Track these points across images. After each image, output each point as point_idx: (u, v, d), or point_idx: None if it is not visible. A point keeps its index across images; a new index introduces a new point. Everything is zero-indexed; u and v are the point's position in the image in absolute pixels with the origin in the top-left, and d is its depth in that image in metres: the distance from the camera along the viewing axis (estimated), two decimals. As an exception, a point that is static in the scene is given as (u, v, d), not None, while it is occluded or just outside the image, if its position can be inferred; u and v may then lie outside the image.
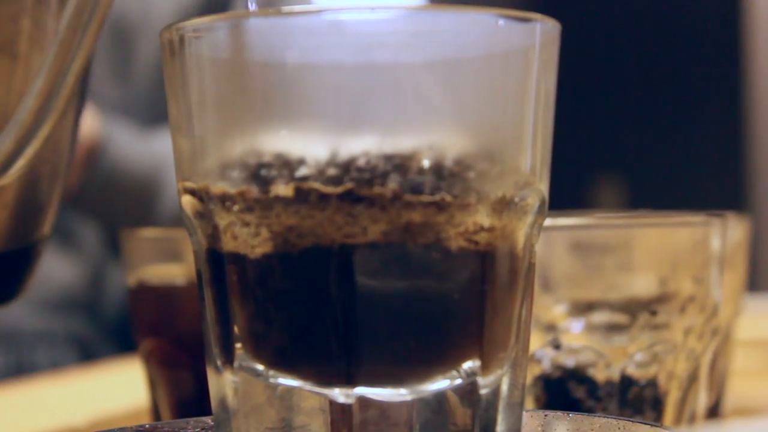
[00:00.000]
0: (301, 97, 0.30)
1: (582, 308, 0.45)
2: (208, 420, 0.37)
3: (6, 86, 0.43)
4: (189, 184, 0.32)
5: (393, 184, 0.30)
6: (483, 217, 0.31)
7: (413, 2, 0.33)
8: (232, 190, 0.31)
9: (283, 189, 0.30)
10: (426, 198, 0.30)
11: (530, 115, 0.32)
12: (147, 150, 1.07)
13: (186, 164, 0.32)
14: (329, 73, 0.30)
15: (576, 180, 3.21)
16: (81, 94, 0.50)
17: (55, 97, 0.37)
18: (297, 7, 0.30)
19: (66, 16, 0.35)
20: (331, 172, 0.30)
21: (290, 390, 0.32)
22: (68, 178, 0.50)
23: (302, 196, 0.30)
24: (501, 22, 0.31)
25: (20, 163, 0.39)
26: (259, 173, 0.30)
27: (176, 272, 0.56)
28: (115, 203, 1.04)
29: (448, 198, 0.30)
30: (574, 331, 0.45)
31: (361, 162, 0.30)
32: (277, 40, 0.30)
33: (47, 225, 0.48)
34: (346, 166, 0.30)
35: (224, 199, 0.31)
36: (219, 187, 0.31)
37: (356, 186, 0.30)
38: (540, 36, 0.32)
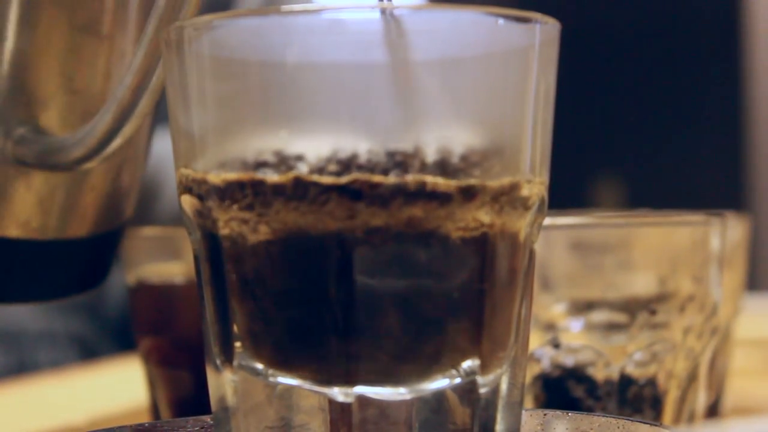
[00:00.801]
0: (300, 95, 0.30)
1: (581, 307, 0.45)
2: (207, 419, 0.37)
3: (92, 66, 0.43)
4: (188, 183, 0.32)
5: (393, 180, 0.30)
6: (483, 216, 0.31)
7: (413, 2, 0.33)
8: (231, 187, 0.31)
9: (282, 186, 0.30)
10: (426, 195, 0.30)
11: (530, 114, 0.32)
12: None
13: (185, 162, 0.32)
14: (329, 72, 0.30)
15: (575, 179, 3.21)
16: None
17: (151, 73, 0.37)
18: (297, 6, 0.30)
19: None
20: (331, 168, 0.30)
21: (290, 389, 0.32)
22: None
23: (301, 192, 0.30)
24: (500, 21, 0.31)
25: (118, 142, 0.39)
26: (258, 170, 0.30)
27: (175, 271, 0.56)
28: None
29: (448, 195, 0.30)
30: (573, 330, 0.45)
31: (362, 158, 0.30)
32: (277, 39, 0.30)
33: (130, 210, 0.48)
34: (347, 163, 0.30)
35: (223, 197, 0.31)
36: (218, 184, 0.31)
37: (356, 182, 0.30)
38: (540, 35, 0.32)
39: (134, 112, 0.38)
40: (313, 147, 0.30)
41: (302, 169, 0.30)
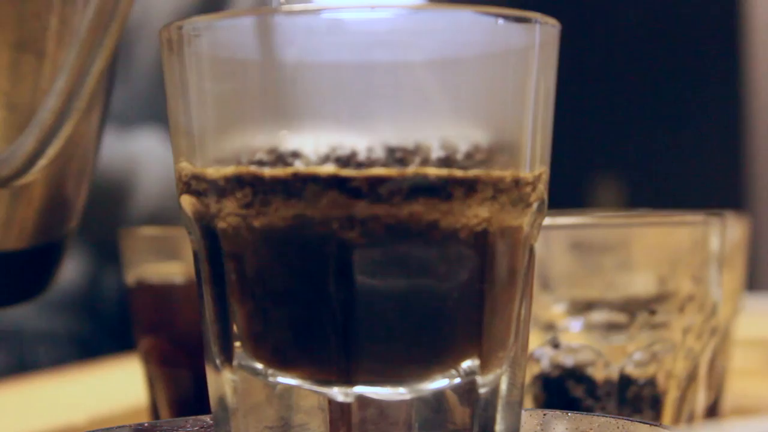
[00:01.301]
0: (300, 96, 0.30)
1: (581, 307, 0.45)
2: (207, 419, 0.37)
3: (32, 84, 0.43)
4: (187, 182, 0.32)
5: (393, 172, 0.30)
6: (483, 215, 0.31)
7: (413, 1, 0.33)
8: (230, 187, 0.31)
9: (281, 184, 0.30)
10: (426, 191, 0.30)
11: (530, 114, 0.32)
12: (122, 150, 1.07)
13: (184, 162, 0.32)
14: (329, 73, 0.30)
15: (575, 179, 3.21)
16: (107, 91, 0.50)
17: (76, 96, 0.37)
18: (297, 6, 0.30)
19: (87, 16, 0.35)
20: (330, 165, 0.30)
21: (289, 389, 0.32)
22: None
23: (301, 190, 0.30)
24: (500, 21, 0.31)
25: (42, 162, 0.39)
26: (257, 169, 0.30)
27: (175, 271, 0.56)
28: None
29: (449, 195, 0.30)
30: (573, 330, 0.45)
31: (361, 156, 0.30)
32: (277, 39, 0.30)
33: (74, 220, 0.48)
34: (345, 160, 0.30)
35: (223, 196, 0.31)
36: (217, 184, 0.31)
37: (356, 180, 0.30)
38: (539, 35, 0.32)
39: (57, 134, 0.38)
40: (311, 146, 0.30)
41: (301, 167, 0.30)
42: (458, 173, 0.30)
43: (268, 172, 0.30)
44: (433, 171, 0.30)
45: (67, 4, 0.43)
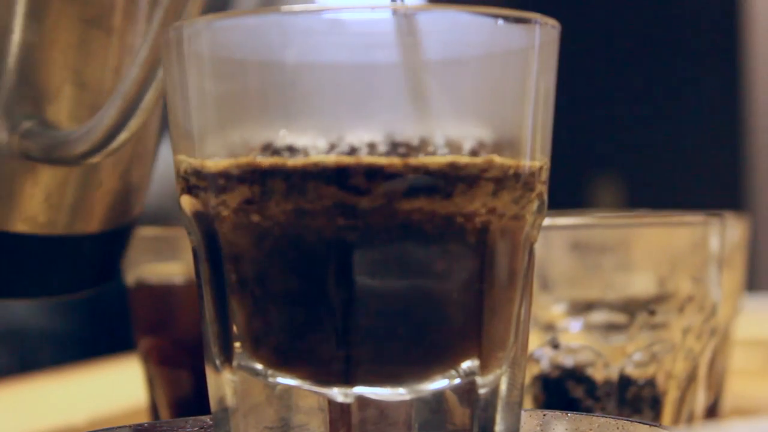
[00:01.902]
0: (300, 96, 0.30)
1: (581, 308, 0.45)
2: (206, 419, 0.37)
3: (101, 60, 0.42)
4: (187, 182, 0.32)
5: (396, 161, 0.30)
6: (483, 215, 0.31)
7: (412, 2, 0.33)
8: (230, 186, 0.31)
9: (281, 183, 0.30)
10: (425, 193, 0.30)
11: (529, 114, 0.32)
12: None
13: (184, 162, 0.32)
14: (328, 73, 0.30)
15: (575, 179, 3.21)
16: None
17: (156, 67, 0.37)
18: (296, 7, 0.30)
19: None
20: (331, 171, 0.30)
21: (289, 389, 0.32)
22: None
23: (301, 188, 0.30)
24: (500, 22, 0.31)
25: (124, 136, 0.39)
26: (257, 169, 0.30)
27: (175, 271, 0.56)
28: None
29: (449, 194, 0.30)
30: (572, 330, 0.45)
31: (362, 153, 0.30)
32: (276, 40, 0.30)
33: (139, 206, 0.48)
34: (345, 175, 0.30)
35: (223, 196, 0.31)
36: (217, 184, 0.31)
37: (355, 178, 0.30)
38: (539, 36, 0.32)
39: (139, 106, 0.38)
40: (311, 145, 0.30)
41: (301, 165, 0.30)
42: (458, 176, 0.30)
43: (266, 162, 0.30)
44: (432, 173, 0.30)
45: None
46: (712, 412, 0.58)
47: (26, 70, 0.41)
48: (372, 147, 0.30)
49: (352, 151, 0.30)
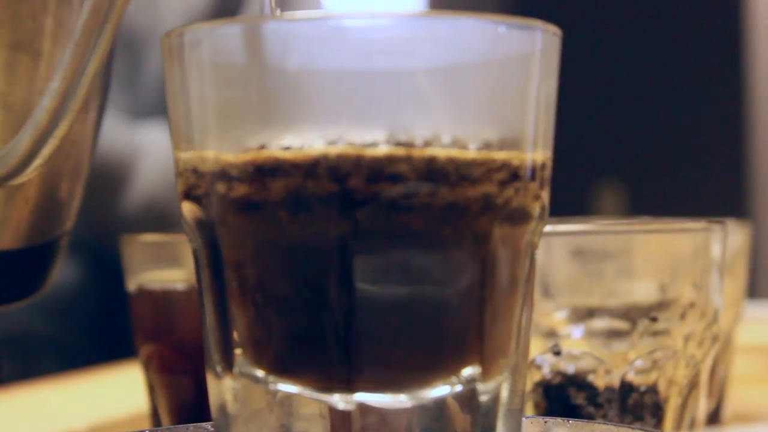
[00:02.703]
0: (301, 103, 0.30)
1: (582, 314, 0.45)
2: (207, 426, 0.37)
3: (28, 84, 0.43)
4: (189, 190, 0.32)
5: (394, 186, 0.30)
6: (484, 223, 0.31)
7: (414, 8, 0.33)
8: (231, 193, 0.31)
9: (282, 190, 0.30)
10: (425, 202, 0.30)
11: (531, 121, 0.32)
12: (127, 138, 1.08)
13: (186, 169, 0.32)
14: (330, 79, 0.30)
15: (576, 186, 3.21)
16: (103, 92, 0.50)
17: (71, 97, 0.37)
18: (298, 13, 0.30)
19: (82, 17, 0.35)
20: (332, 174, 0.30)
21: (290, 396, 0.32)
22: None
23: (302, 196, 0.30)
24: (502, 28, 0.31)
25: (37, 162, 0.39)
26: (258, 176, 0.30)
27: (176, 277, 0.56)
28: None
29: (449, 202, 0.30)
30: (574, 337, 0.45)
31: (364, 163, 0.30)
32: (278, 46, 0.30)
33: (69, 221, 0.48)
34: (346, 175, 0.30)
35: (224, 203, 0.31)
36: (218, 190, 0.31)
37: (356, 187, 0.30)
38: (541, 43, 0.32)
39: (53, 134, 0.38)
40: (312, 153, 0.30)
41: (302, 173, 0.30)
42: (459, 183, 0.30)
43: (266, 159, 0.30)
44: (433, 181, 0.30)
45: (62, 5, 0.43)
46: (713, 418, 0.58)
47: None
48: (374, 156, 0.30)
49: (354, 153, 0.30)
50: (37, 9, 0.42)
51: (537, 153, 0.32)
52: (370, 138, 0.30)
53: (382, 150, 0.30)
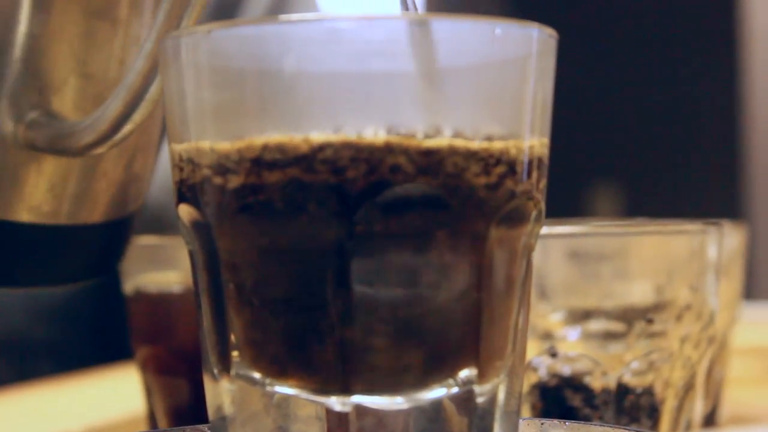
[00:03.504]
0: (298, 105, 0.30)
1: (578, 316, 0.45)
2: (204, 428, 0.37)
3: (106, 51, 0.43)
4: (184, 192, 0.32)
5: (390, 187, 0.30)
6: (480, 225, 0.31)
7: (411, 10, 0.33)
8: (227, 195, 0.31)
9: (279, 191, 0.30)
10: (421, 203, 0.30)
11: (527, 123, 0.32)
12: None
13: (182, 160, 0.32)
14: (327, 81, 0.30)
15: (573, 188, 3.22)
16: None
17: None
18: (294, 16, 0.30)
19: None
20: (329, 174, 0.30)
21: (287, 398, 0.32)
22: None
23: (298, 197, 0.30)
24: (498, 30, 0.31)
25: (128, 128, 0.39)
26: (254, 177, 0.30)
27: (173, 280, 0.56)
28: None
29: (445, 203, 0.30)
30: (570, 339, 0.45)
31: (360, 164, 0.30)
32: (274, 49, 0.30)
33: (142, 197, 0.48)
34: (343, 169, 0.30)
35: (220, 205, 0.31)
36: (214, 193, 0.31)
37: (352, 187, 0.30)
38: (537, 44, 0.32)
39: (144, 97, 0.38)
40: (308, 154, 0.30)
41: (297, 174, 0.30)
42: (455, 184, 0.30)
43: (267, 192, 0.30)
44: (428, 182, 0.30)
45: None
46: (710, 420, 0.58)
47: (32, 61, 0.41)
48: (371, 157, 0.30)
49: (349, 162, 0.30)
50: None
51: (533, 154, 0.32)
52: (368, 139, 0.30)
53: (381, 140, 0.30)
